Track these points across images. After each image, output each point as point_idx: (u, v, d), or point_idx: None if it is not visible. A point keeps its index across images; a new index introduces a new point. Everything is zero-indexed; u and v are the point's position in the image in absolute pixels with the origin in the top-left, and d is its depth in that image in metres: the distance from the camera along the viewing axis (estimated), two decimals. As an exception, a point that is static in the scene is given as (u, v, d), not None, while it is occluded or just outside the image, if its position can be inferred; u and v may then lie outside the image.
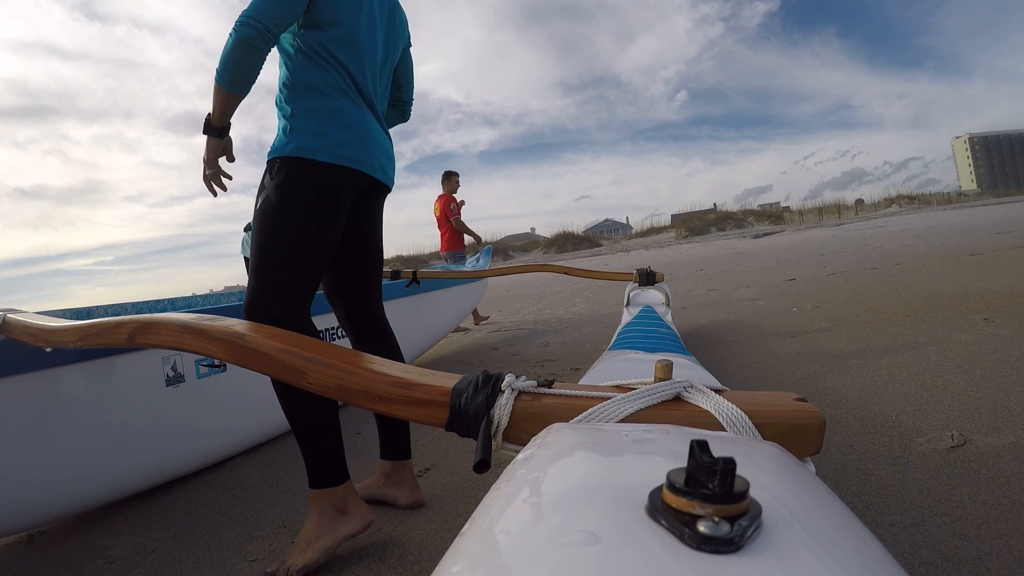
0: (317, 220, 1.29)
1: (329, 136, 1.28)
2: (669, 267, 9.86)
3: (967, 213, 18.69)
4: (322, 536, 1.19)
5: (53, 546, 1.50)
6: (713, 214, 35.57)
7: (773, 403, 0.55)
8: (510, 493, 0.36)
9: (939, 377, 1.97)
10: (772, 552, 0.26)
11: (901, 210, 29.27)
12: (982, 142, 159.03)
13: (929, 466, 1.34)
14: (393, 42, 1.47)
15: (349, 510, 1.23)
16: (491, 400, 0.62)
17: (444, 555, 0.31)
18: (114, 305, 2.62)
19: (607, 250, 26.29)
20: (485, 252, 4.69)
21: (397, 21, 1.48)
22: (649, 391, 0.57)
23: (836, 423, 1.67)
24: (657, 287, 2.95)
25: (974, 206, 27.06)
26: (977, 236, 8.10)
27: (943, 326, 2.71)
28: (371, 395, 0.71)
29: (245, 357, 0.84)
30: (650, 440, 0.43)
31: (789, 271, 6.62)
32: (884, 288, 4.22)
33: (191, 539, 1.43)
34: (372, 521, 1.25)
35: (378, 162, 1.39)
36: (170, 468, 1.74)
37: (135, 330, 0.99)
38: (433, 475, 1.67)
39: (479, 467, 0.57)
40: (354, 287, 1.50)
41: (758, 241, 17.62)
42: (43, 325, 1.24)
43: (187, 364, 1.76)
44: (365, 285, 1.51)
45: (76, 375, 1.48)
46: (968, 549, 1.01)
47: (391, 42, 1.46)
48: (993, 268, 4.49)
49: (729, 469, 0.27)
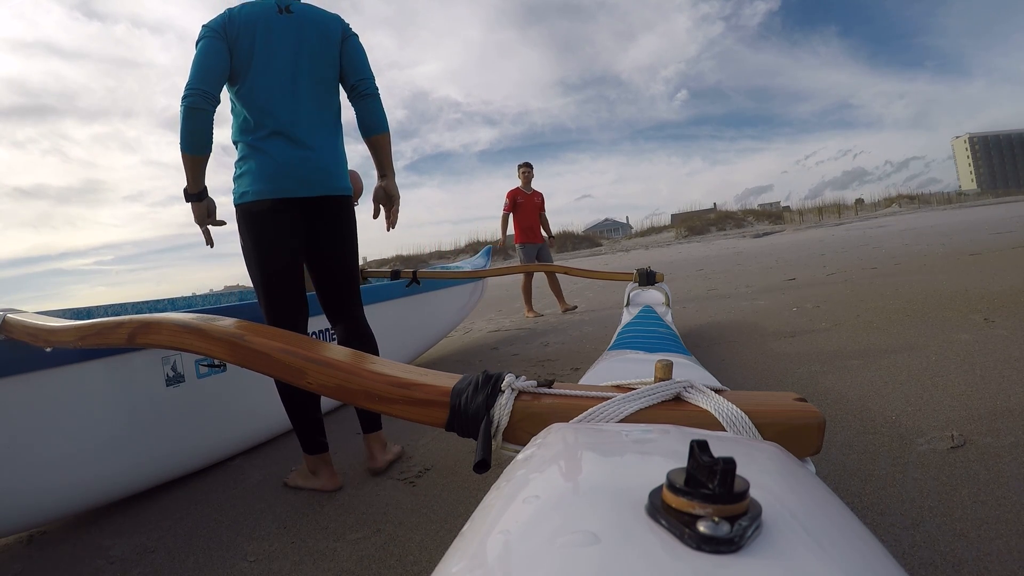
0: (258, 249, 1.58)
1: (244, 179, 1.57)
2: (669, 267, 9.86)
3: (967, 213, 18.70)
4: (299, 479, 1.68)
5: (53, 546, 1.50)
6: (713, 214, 35.57)
7: (773, 403, 0.55)
8: (510, 493, 0.36)
9: (939, 377, 1.97)
10: (772, 552, 0.26)
11: (901, 210, 29.28)
12: (982, 142, 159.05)
13: (929, 466, 1.34)
14: (309, 57, 1.60)
15: (320, 473, 1.63)
16: (491, 400, 0.62)
17: (444, 555, 0.31)
18: (114, 305, 2.62)
19: (607, 250, 26.30)
20: (485, 252, 4.69)
21: (308, 35, 1.60)
22: (649, 391, 0.57)
23: (836, 423, 1.67)
24: (657, 287, 2.95)
25: (974, 206, 27.08)
26: (977, 236, 8.09)
27: (943, 326, 2.71)
28: (371, 395, 0.71)
29: (245, 357, 0.84)
30: (650, 440, 0.43)
31: (789, 271, 6.62)
32: (884, 288, 4.22)
33: (191, 539, 1.43)
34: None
35: (294, 182, 1.57)
36: (170, 468, 1.74)
37: (135, 330, 0.99)
38: (433, 475, 1.67)
39: (479, 467, 0.57)
40: (325, 294, 1.74)
41: (758, 241, 17.62)
42: (43, 325, 1.24)
43: (187, 364, 1.76)
44: (332, 291, 1.73)
45: (76, 375, 1.48)
46: (968, 549, 1.01)
47: (304, 58, 1.59)
48: (993, 268, 4.49)
49: (729, 469, 0.27)
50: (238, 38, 1.53)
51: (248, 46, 1.54)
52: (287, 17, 1.59)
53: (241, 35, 1.53)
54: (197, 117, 1.47)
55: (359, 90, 1.67)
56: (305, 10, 1.64)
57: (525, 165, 5.46)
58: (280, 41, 1.57)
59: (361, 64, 1.68)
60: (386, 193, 1.75)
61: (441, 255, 26.04)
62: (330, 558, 1.26)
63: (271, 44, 1.56)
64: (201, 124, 1.49)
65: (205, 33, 1.53)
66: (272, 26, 1.57)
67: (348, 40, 1.67)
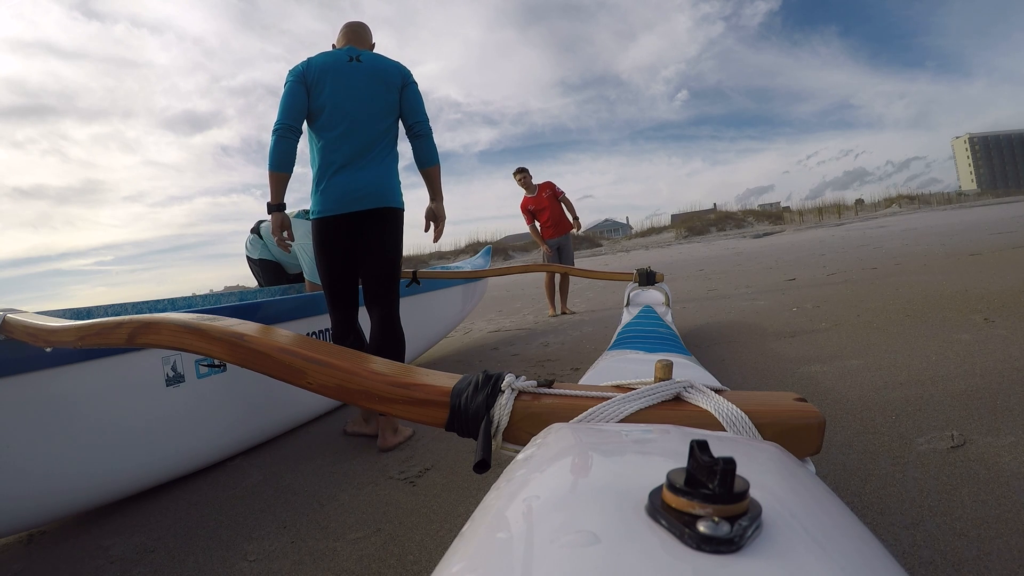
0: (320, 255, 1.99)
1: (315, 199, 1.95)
2: (669, 267, 9.86)
3: (967, 213, 18.69)
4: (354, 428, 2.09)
5: (53, 546, 1.50)
6: (713, 214, 35.56)
7: (773, 403, 0.55)
8: (510, 493, 0.36)
9: (939, 377, 1.97)
10: (772, 552, 0.26)
11: (901, 210, 29.26)
12: (982, 142, 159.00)
13: (929, 466, 1.34)
14: (372, 100, 1.92)
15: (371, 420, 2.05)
16: (491, 400, 0.62)
17: (444, 555, 0.31)
18: (114, 305, 2.62)
19: (607, 250, 26.30)
20: (485, 252, 4.68)
21: (373, 81, 1.93)
22: (649, 391, 0.57)
23: (836, 423, 1.67)
24: (657, 287, 2.95)
25: (974, 206, 27.07)
26: (977, 236, 8.09)
27: (943, 326, 2.71)
28: (371, 395, 0.71)
29: (245, 357, 0.84)
30: (650, 440, 0.43)
31: (789, 271, 6.62)
32: (884, 288, 4.22)
33: (191, 539, 1.43)
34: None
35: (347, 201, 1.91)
36: (170, 468, 1.74)
37: (135, 330, 0.99)
38: (433, 475, 1.67)
39: (479, 467, 0.57)
40: (367, 294, 2.02)
41: (758, 241, 17.62)
42: (43, 325, 1.24)
43: (187, 364, 1.76)
44: (370, 291, 2.00)
45: (76, 375, 1.48)
46: (968, 549, 1.01)
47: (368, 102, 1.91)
48: (993, 268, 4.49)
49: (729, 469, 0.27)
50: (315, 83, 1.87)
51: (323, 90, 1.87)
52: (356, 65, 1.92)
53: (318, 80, 1.87)
54: (283, 145, 1.84)
55: (415, 131, 2.02)
56: (372, 59, 1.96)
57: (519, 171, 5.30)
58: (349, 86, 1.89)
59: (418, 108, 2.02)
60: (435, 213, 2.08)
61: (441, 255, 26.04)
62: (330, 558, 1.26)
63: (340, 89, 1.88)
64: (285, 149, 1.84)
65: (290, 79, 1.88)
66: (342, 72, 1.89)
67: (408, 87, 2.00)
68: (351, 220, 1.92)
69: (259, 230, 3.12)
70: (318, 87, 1.87)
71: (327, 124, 1.89)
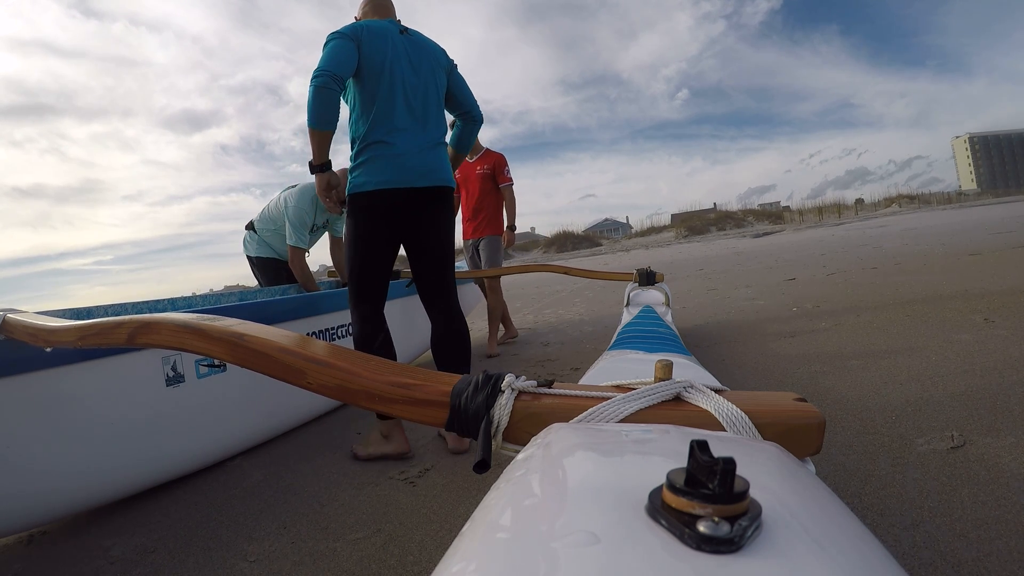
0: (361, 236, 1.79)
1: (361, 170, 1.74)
2: (669, 267, 9.86)
3: (967, 213, 18.69)
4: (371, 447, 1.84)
5: (53, 546, 1.50)
6: (713, 214, 35.56)
7: (773, 403, 0.55)
8: (510, 493, 0.36)
9: (939, 377, 1.97)
10: (772, 552, 0.26)
11: (901, 210, 29.26)
12: (982, 142, 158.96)
13: (929, 466, 1.34)
14: (426, 75, 1.81)
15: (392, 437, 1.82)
16: (491, 400, 0.62)
17: (444, 555, 0.31)
18: (114, 305, 2.62)
19: (607, 250, 26.30)
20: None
21: (425, 56, 1.83)
22: (649, 391, 0.57)
23: (836, 423, 1.67)
24: (657, 287, 2.95)
25: (974, 206, 27.06)
26: (977, 236, 8.09)
27: (943, 326, 2.71)
28: (371, 395, 0.71)
29: (245, 357, 0.84)
30: (650, 440, 0.43)
31: (789, 271, 6.62)
32: (884, 288, 4.22)
33: (191, 539, 1.43)
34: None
35: (411, 175, 1.75)
36: (170, 468, 1.74)
37: (135, 330, 0.99)
38: (433, 475, 1.67)
39: (479, 467, 0.57)
40: (421, 282, 1.93)
41: (758, 241, 17.61)
42: (43, 325, 1.24)
43: (187, 364, 1.76)
44: (432, 282, 1.91)
45: (76, 375, 1.48)
46: (968, 550, 1.01)
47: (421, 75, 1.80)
48: (993, 268, 4.49)
49: (729, 469, 0.27)
50: (368, 42, 1.71)
51: (377, 52, 1.71)
52: (407, 38, 1.82)
53: (372, 41, 1.72)
54: (324, 96, 1.61)
55: (473, 115, 1.99)
56: (419, 36, 1.87)
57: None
58: (408, 56, 1.79)
59: (469, 92, 1.98)
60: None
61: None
62: (330, 558, 1.26)
63: (401, 57, 1.77)
64: (328, 101, 1.62)
65: (334, 36, 1.69)
66: (398, 42, 1.78)
67: (455, 71, 1.94)
68: (408, 196, 1.76)
69: (254, 226, 3.12)
70: (373, 47, 1.71)
71: (385, 91, 1.72)
